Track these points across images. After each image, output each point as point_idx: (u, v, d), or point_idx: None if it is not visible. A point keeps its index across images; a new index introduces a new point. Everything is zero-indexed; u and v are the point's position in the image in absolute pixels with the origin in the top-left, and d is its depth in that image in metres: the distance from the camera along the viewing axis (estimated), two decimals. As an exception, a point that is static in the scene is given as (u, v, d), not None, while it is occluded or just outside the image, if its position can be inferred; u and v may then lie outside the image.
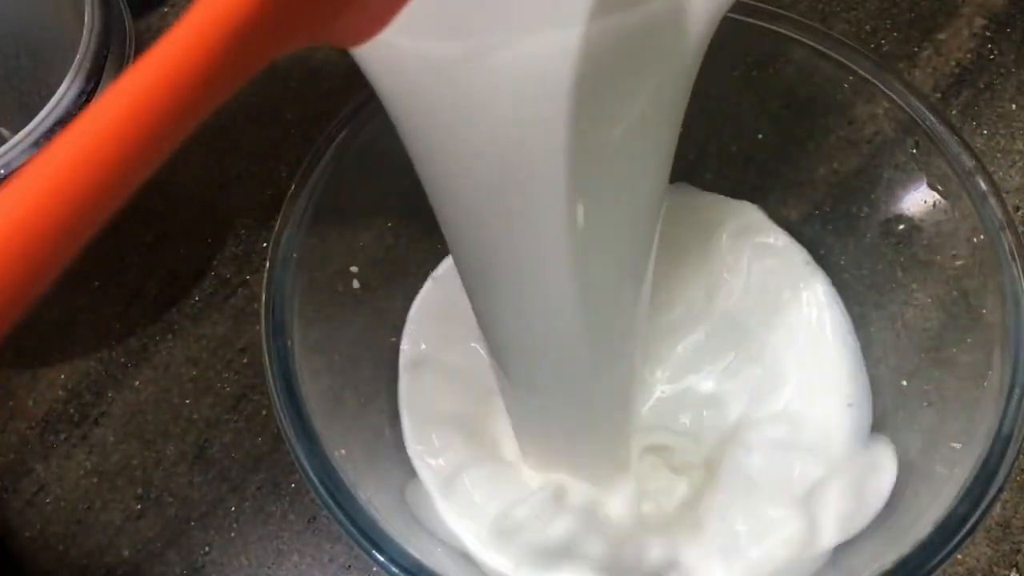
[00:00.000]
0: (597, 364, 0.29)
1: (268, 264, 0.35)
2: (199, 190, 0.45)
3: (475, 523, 0.34)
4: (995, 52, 0.47)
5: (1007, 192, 0.44)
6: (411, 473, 0.37)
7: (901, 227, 0.39)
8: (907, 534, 0.32)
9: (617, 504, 0.35)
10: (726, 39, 0.40)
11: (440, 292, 0.39)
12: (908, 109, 0.37)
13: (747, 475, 0.34)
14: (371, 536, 0.31)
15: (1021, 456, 0.32)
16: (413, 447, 0.37)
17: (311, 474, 0.32)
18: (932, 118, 0.37)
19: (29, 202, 0.13)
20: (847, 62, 0.38)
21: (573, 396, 0.32)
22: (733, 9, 0.39)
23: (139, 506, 0.39)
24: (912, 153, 0.38)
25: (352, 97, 0.38)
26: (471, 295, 0.28)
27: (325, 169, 0.37)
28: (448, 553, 0.35)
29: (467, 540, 0.34)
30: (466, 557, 0.35)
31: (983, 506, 0.31)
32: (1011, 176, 0.44)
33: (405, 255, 0.41)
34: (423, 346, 0.39)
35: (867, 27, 0.48)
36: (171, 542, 0.39)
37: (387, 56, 0.22)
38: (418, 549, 0.32)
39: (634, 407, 0.35)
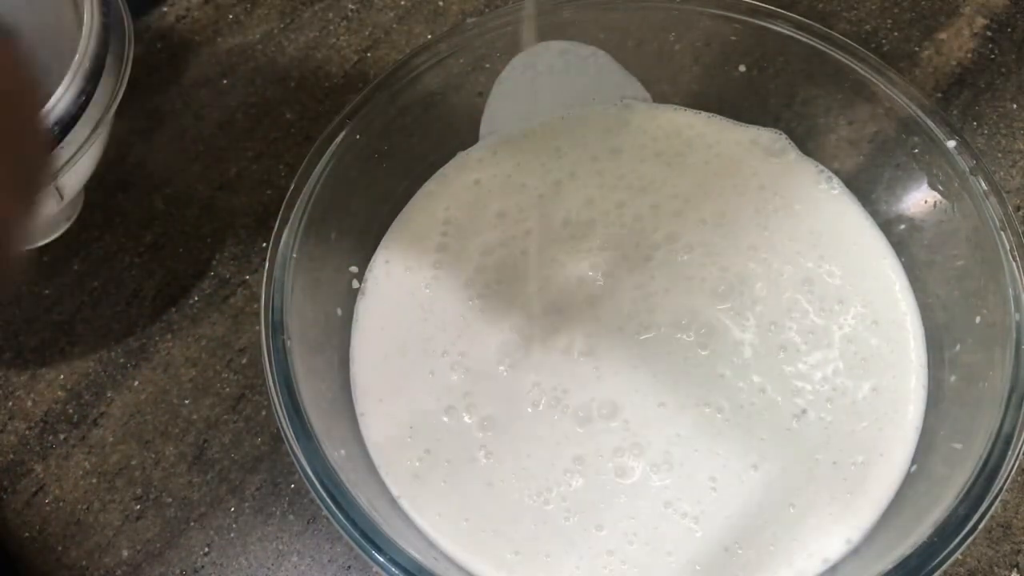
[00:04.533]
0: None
1: (267, 264, 0.35)
2: (199, 190, 0.45)
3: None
4: (996, 52, 0.47)
5: (1007, 192, 0.43)
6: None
7: (902, 227, 0.39)
8: (908, 535, 0.32)
9: None
10: (727, 38, 0.40)
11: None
12: (909, 109, 0.37)
13: None
14: (370, 537, 0.31)
15: (1021, 456, 0.32)
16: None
17: (311, 474, 0.32)
18: (933, 118, 0.37)
19: None
20: (848, 62, 0.38)
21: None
22: (734, 9, 0.39)
23: (138, 507, 0.39)
24: (913, 153, 0.38)
25: (352, 97, 0.38)
26: None
27: (325, 169, 0.37)
28: (444, 553, 0.35)
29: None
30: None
31: (984, 507, 0.31)
32: (1012, 176, 0.44)
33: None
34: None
35: (868, 27, 0.48)
36: (170, 543, 0.39)
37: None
38: (417, 549, 0.32)
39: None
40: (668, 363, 0.38)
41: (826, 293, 0.38)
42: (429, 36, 0.48)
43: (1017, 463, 0.32)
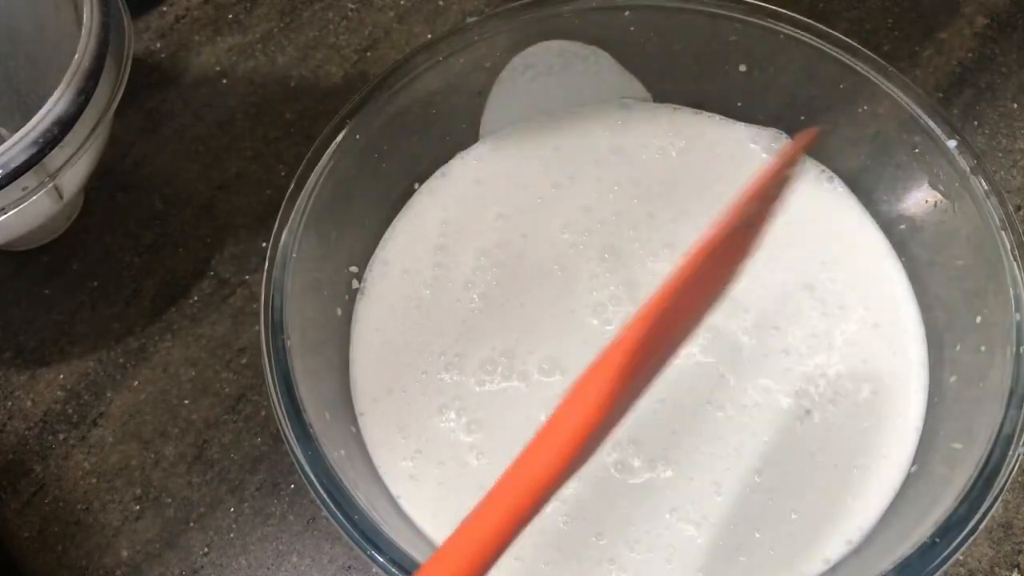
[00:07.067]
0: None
1: (267, 264, 0.35)
2: (199, 190, 0.45)
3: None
4: (996, 51, 0.47)
5: (1008, 192, 0.43)
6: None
7: (902, 227, 0.39)
8: (908, 536, 0.32)
9: None
10: (727, 38, 0.40)
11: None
12: (909, 108, 0.37)
13: None
14: (370, 537, 0.31)
15: (1022, 456, 0.32)
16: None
17: (310, 474, 0.32)
18: (933, 118, 0.37)
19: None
20: (848, 61, 0.38)
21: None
22: (734, 9, 0.39)
23: (138, 507, 0.39)
24: (913, 152, 0.38)
25: (352, 97, 0.38)
26: None
27: (324, 169, 0.37)
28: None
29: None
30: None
31: (984, 507, 0.31)
32: (1012, 176, 0.44)
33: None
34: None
35: (868, 26, 0.48)
36: (170, 543, 0.39)
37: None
38: (417, 549, 0.32)
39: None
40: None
41: (827, 297, 0.38)
42: (429, 36, 0.48)
43: (1018, 463, 0.32)
